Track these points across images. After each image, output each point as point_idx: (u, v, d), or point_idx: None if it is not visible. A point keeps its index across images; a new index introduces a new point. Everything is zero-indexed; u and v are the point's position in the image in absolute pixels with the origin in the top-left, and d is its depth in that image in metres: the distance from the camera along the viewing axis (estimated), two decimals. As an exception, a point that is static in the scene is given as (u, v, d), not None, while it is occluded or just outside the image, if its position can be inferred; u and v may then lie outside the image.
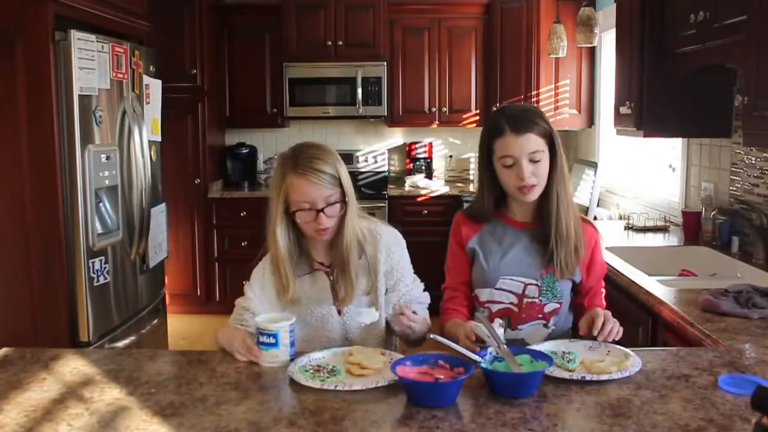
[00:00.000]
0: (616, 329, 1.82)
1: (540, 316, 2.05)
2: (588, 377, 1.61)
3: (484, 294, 2.06)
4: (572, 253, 2.01)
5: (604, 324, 1.81)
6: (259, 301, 2.01)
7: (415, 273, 2.13)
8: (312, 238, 2.01)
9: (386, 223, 2.15)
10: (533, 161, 1.94)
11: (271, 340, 1.73)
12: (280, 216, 1.94)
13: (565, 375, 1.62)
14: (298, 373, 1.65)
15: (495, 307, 2.04)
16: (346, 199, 1.95)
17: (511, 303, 2.03)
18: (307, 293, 2.02)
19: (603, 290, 2.17)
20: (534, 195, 1.99)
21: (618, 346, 1.80)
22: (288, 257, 1.97)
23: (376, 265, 2.03)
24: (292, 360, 1.73)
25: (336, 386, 1.57)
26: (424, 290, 2.15)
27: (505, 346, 1.67)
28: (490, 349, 1.67)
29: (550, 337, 2.02)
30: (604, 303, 2.14)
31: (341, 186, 1.94)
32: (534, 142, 1.94)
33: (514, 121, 1.95)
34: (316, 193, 1.90)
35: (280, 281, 1.99)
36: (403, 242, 2.11)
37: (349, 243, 1.97)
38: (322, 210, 1.91)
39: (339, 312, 2.02)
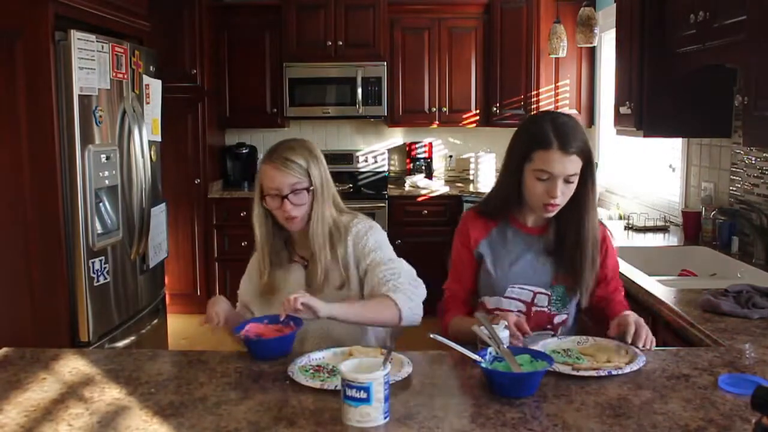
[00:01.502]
0: (650, 338, 1.80)
1: (549, 326, 2.03)
2: (614, 372, 1.60)
3: (491, 302, 2.04)
4: (593, 275, 2.02)
5: (637, 332, 1.79)
6: (244, 287, 2.19)
7: (417, 274, 2.08)
8: (287, 228, 2.08)
9: (367, 217, 2.13)
10: (567, 182, 1.91)
11: (362, 394, 1.40)
12: (258, 204, 2.08)
13: (593, 373, 1.61)
14: (299, 373, 1.65)
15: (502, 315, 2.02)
16: (312, 188, 2.02)
17: (519, 311, 2.00)
18: (283, 284, 2.09)
19: (622, 286, 2.15)
20: (554, 212, 1.96)
21: (607, 339, 1.82)
22: (266, 243, 2.09)
23: (345, 259, 2.05)
24: (386, 419, 1.43)
25: (336, 386, 1.57)
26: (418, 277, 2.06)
27: (505, 347, 1.67)
28: (490, 349, 1.67)
29: None
30: (624, 299, 2.12)
31: (309, 177, 2.02)
32: (575, 165, 1.90)
33: (564, 138, 1.88)
34: (282, 179, 2.00)
35: (260, 266, 2.11)
36: (376, 231, 2.07)
37: (315, 234, 2.03)
38: (286, 196, 1.99)
39: None
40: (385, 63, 5.64)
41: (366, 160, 5.98)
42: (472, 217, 2.09)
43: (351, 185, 5.80)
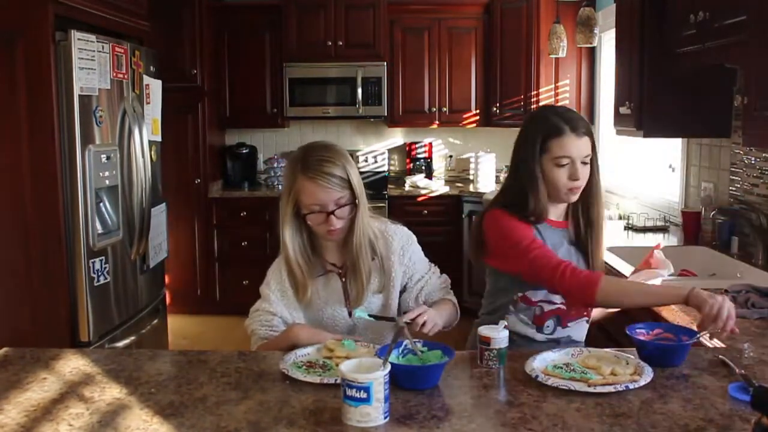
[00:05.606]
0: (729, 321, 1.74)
1: (585, 313, 2.10)
2: (631, 386, 1.56)
3: (537, 295, 2.03)
4: (603, 252, 2.11)
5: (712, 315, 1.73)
6: (283, 305, 2.01)
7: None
8: (323, 239, 2.01)
9: (396, 222, 2.13)
10: (584, 163, 2.00)
11: (362, 394, 1.40)
12: (290, 218, 1.95)
13: (611, 389, 1.55)
14: (294, 370, 1.66)
15: (547, 307, 2.03)
16: (356, 201, 1.95)
17: (562, 303, 2.03)
18: (320, 294, 2.02)
19: None
20: (577, 196, 2.03)
21: (602, 349, 1.81)
22: (300, 259, 1.97)
23: (389, 265, 2.03)
24: (386, 419, 1.43)
25: (336, 380, 1.56)
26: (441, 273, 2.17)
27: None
28: (405, 342, 1.69)
29: (589, 332, 2.11)
30: None
31: (351, 188, 1.94)
32: (588, 146, 2.00)
33: (573, 122, 1.99)
34: (326, 196, 1.90)
35: (296, 282, 1.99)
36: (414, 237, 2.13)
37: (359, 244, 1.97)
38: (332, 212, 1.90)
39: (350, 314, 2.02)
40: (385, 63, 5.65)
41: (366, 160, 5.98)
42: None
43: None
